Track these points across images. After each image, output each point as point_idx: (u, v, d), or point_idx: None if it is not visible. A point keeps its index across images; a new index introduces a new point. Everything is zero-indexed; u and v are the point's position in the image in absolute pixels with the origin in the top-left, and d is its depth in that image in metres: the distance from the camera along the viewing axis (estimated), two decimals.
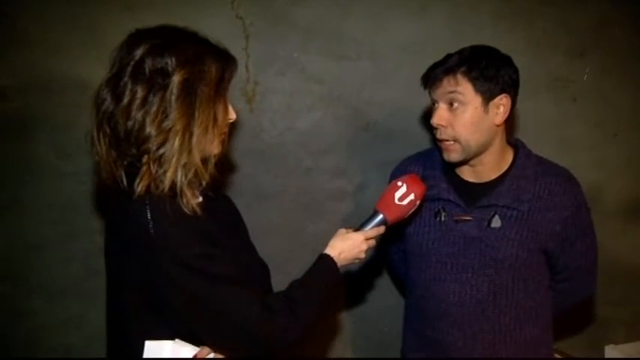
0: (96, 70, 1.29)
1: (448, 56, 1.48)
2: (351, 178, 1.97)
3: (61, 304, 1.82)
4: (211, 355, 1.17)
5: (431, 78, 1.48)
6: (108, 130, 1.14)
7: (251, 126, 1.89)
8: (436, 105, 1.50)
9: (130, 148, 1.13)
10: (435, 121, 1.48)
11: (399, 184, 1.44)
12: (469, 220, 1.53)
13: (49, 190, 1.77)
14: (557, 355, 1.83)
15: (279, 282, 1.33)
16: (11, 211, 1.76)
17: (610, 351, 1.93)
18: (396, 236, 1.70)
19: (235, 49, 1.84)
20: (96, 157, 1.17)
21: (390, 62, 1.94)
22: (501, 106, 1.47)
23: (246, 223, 1.46)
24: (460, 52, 1.48)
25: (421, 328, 1.64)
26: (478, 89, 1.44)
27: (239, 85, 1.87)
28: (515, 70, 1.50)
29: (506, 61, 1.49)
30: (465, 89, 1.44)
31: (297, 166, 1.94)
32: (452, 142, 1.48)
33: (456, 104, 1.45)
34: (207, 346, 1.16)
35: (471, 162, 1.54)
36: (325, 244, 1.40)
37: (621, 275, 2.23)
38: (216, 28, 1.81)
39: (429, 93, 1.52)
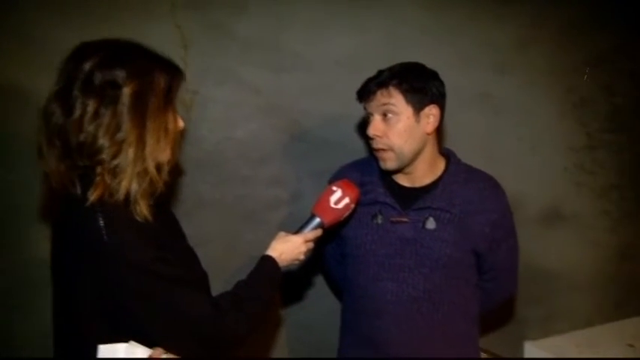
0: (39, 80, 1.28)
1: (380, 72, 1.59)
2: (287, 186, 2.02)
3: None
4: (164, 357, 1.19)
5: (365, 92, 1.59)
6: (58, 143, 1.15)
7: (189, 135, 1.89)
8: (371, 117, 1.59)
9: (82, 159, 1.15)
10: (372, 131, 1.58)
11: (334, 188, 1.53)
12: (405, 222, 1.61)
13: None
14: (482, 354, 1.95)
15: (218, 290, 1.35)
16: None
17: (529, 347, 2.04)
18: (332, 240, 1.76)
19: (174, 58, 1.86)
20: (45, 169, 1.18)
21: (327, 74, 2.00)
22: (431, 115, 1.58)
23: (185, 232, 1.48)
24: (391, 68, 1.59)
25: (359, 327, 1.70)
26: (409, 100, 1.55)
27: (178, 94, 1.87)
28: (442, 84, 1.62)
29: (433, 75, 1.61)
30: (397, 101, 1.54)
31: (235, 175, 1.97)
32: (387, 151, 1.58)
33: (389, 115, 1.55)
34: (161, 347, 1.19)
35: (405, 170, 1.63)
36: (262, 252, 1.46)
37: (538, 276, 2.38)
38: (154, 37, 1.81)
39: (364, 107, 1.62)
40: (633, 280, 2.56)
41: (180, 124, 1.30)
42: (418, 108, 1.56)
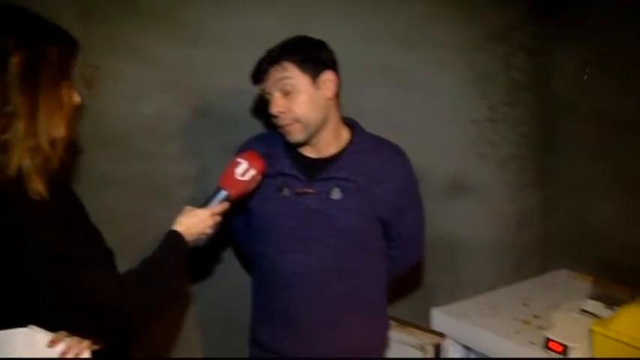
0: None
1: (270, 50, 1.60)
2: (195, 163, 2.00)
3: None
4: (67, 340, 1.17)
5: (260, 72, 1.59)
6: None
7: (92, 111, 1.83)
8: (269, 96, 1.59)
9: None
10: (275, 109, 1.58)
11: (240, 160, 1.53)
12: (311, 193, 1.63)
13: None
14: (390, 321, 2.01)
15: (126, 268, 1.32)
16: None
17: (436, 313, 2.13)
18: (239, 213, 1.75)
19: (73, 32, 1.79)
20: None
21: (235, 50, 1.98)
22: (328, 81, 1.60)
23: (90, 210, 1.44)
24: (280, 45, 1.60)
25: (270, 301, 1.72)
26: (304, 70, 1.56)
27: (77, 69, 1.80)
28: (331, 52, 1.64)
29: (322, 44, 1.63)
30: (293, 73, 1.55)
31: (141, 151, 1.93)
32: (293, 124, 1.58)
33: (288, 88, 1.55)
34: (64, 329, 1.16)
35: (311, 141, 1.64)
36: None
37: (444, 245, 2.49)
38: (51, 8, 1.75)
39: (261, 88, 1.62)
40: (530, 245, 2.72)
41: (77, 99, 1.25)
42: (314, 75, 1.58)
